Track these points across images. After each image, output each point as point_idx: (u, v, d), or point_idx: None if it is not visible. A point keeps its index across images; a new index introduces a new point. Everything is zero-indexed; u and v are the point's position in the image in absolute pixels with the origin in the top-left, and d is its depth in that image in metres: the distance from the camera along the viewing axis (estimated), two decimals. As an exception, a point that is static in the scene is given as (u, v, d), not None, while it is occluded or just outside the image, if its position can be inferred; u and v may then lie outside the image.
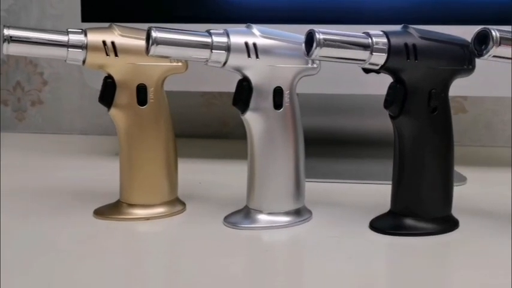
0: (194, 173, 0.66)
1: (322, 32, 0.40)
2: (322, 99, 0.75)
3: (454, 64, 0.44)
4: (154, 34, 0.41)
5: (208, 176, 0.64)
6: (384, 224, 0.46)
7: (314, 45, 0.40)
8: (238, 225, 0.46)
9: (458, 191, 0.59)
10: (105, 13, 0.64)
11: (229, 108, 0.91)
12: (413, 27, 0.43)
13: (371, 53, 0.41)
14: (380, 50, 0.41)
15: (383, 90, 0.46)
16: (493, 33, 0.38)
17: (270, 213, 0.47)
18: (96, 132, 0.91)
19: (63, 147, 0.82)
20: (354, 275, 0.39)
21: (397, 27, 0.44)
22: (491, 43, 0.38)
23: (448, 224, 0.46)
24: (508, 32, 0.39)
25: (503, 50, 0.38)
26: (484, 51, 0.38)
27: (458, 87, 0.71)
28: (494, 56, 0.38)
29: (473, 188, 0.61)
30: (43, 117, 0.93)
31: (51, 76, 0.92)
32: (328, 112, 0.74)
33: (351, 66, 0.44)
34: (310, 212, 0.49)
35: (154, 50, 0.41)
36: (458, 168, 0.68)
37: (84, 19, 0.63)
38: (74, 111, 0.92)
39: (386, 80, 0.46)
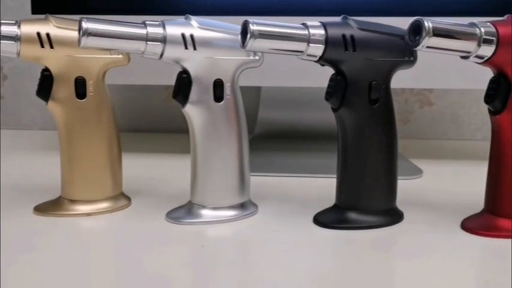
0: (151, 167, 0.66)
1: (256, 23, 0.39)
2: (270, 92, 0.76)
3: (395, 56, 0.43)
4: (85, 25, 0.40)
5: (165, 171, 0.64)
6: (328, 218, 0.45)
7: (248, 36, 0.39)
8: (181, 221, 0.46)
9: (412, 184, 0.61)
10: (56, 4, 0.63)
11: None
12: (353, 19, 0.43)
13: (308, 45, 0.41)
14: (317, 42, 0.41)
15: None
16: (426, 23, 0.37)
17: (214, 208, 0.46)
18: (56, 127, 0.90)
19: (22, 142, 0.81)
20: (293, 269, 0.38)
21: (337, 19, 0.43)
22: (423, 34, 0.37)
23: (393, 216, 0.46)
24: (444, 22, 0.39)
25: (437, 41, 0.38)
26: (417, 42, 0.38)
27: (424, 80, 0.72)
28: (428, 47, 0.38)
29: (428, 181, 0.61)
30: (3, 112, 0.91)
31: (11, 70, 0.90)
32: (279, 106, 0.74)
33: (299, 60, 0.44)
34: (255, 206, 0.49)
35: (85, 41, 0.40)
36: (419, 162, 0.69)
37: (35, 11, 0.63)
38: (34, 107, 0.91)
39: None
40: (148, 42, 0.41)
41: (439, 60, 0.46)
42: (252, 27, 0.39)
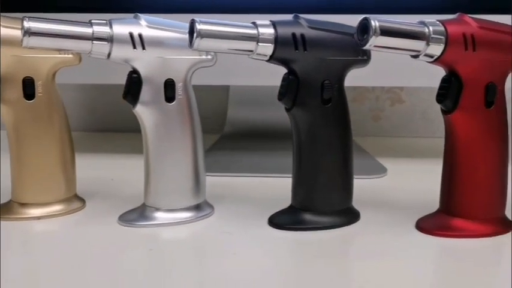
0: (114, 168, 0.65)
1: (203, 21, 0.39)
2: (239, 91, 0.74)
3: (347, 55, 0.43)
4: (27, 24, 0.39)
5: (128, 172, 0.62)
6: (282, 219, 0.45)
7: (194, 35, 0.39)
8: (134, 223, 0.45)
9: (375, 183, 0.60)
10: (23, 3, 0.61)
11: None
12: (304, 18, 0.42)
13: (257, 44, 0.40)
14: (266, 41, 0.40)
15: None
16: (373, 22, 0.37)
17: (168, 210, 0.45)
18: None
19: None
20: (246, 271, 0.38)
21: (289, 17, 0.43)
22: (370, 33, 0.37)
23: (348, 217, 0.46)
24: (392, 21, 0.38)
25: (385, 40, 0.37)
26: (365, 41, 0.37)
27: (395, 78, 0.71)
28: (375, 46, 0.37)
29: (391, 180, 0.60)
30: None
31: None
32: (248, 104, 0.74)
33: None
34: (211, 207, 0.48)
35: (28, 41, 0.39)
36: (387, 160, 0.68)
37: (3, 9, 0.61)
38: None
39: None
40: (94, 42, 0.40)
41: (409, 58, 0.46)
42: (199, 26, 0.38)
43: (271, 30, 0.40)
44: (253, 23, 0.40)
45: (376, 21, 0.37)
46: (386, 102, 0.88)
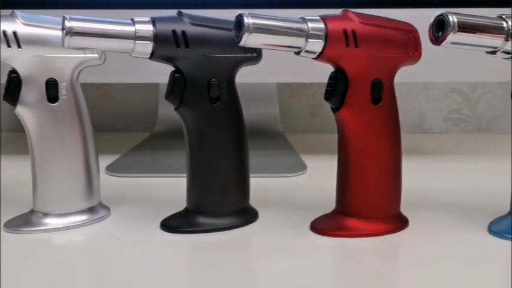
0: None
1: (74, 18, 0.37)
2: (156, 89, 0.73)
3: (235, 52, 0.41)
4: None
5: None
6: (175, 222, 0.44)
7: (63, 33, 0.37)
8: (21, 229, 0.43)
9: (289, 181, 0.58)
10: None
11: (93, 100, 0.89)
12: (188, 14, 0.41)
13: (135, 42, 0.38)
14: (145, 38, 0.39)
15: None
16: (246, 19, 0.35)
17: (59, 215, 0.44)
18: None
19: None
20: (135, 277, 0.36)
21: (172, 13, 0.41)
22: (244, 30, 0.35)
23: (245, 217, 0.45)
24: (268, 17, 0.37)
25: (261, 38, 0.35)
26: (239, 38, 0.36)
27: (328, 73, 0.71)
28: (252, 43, 0.36)
29: (308, 178, 0.59)
30: None
31: None
32: (168, 102, 0.72)
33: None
34: (107, 210, 0.47)
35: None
36: (314, 158, 0.67)
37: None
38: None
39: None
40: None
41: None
42: (69, 24, 0.37)
43: (149, 27, 0.39)
44: (132, 19, 0.39)
45: (249, 17, 0.36)
46: (323, 98, 0.88)
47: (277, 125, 0.78)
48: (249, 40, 0.36)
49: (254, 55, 0.42)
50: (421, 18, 0.41)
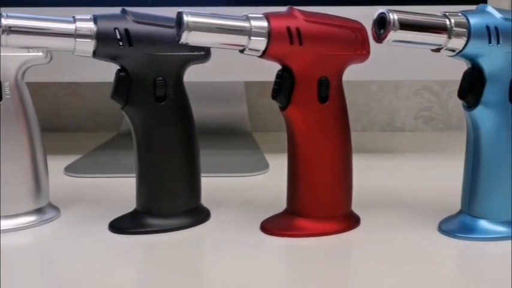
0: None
1: (11, 16, 0.36)
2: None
3: (181, 50, 0.41)
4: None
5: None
6: (124, 224, 0.43)
7: (0, 31, 0.36)
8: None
9: (248, 180, 0.57)
10: None
11: (61, 99, 0.88)
12: (131, 11, 0.40)
13: (75, 40, 0.38)
14: (86, 37, 0.38)
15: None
16: (185, 17, 0.34)
17: (6, 216, 0.42)
18: None
19: None
20: (82, 280, 0.36)
21: (116, 11, 0.41)
22: (183, 28, 0.35)
23: (196, 217, 0.44)
24: (209, 15, 0.36)
25: (200, 37, 0.35)
26: (180, 36, 0.35)
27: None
28: (189, 41, 0.36)
29: (268, 177, 0.58)
30: None
31: None
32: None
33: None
34: (57, 211, 0.46)
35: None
36: (278, 157, 0.66)
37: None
38: None
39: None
40: None
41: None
42: (5, 21, 0.36)
43: (90, 25, 0.38)
44: (73, 17, 0.39)
45: (189, 16, 0.35)
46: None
47: (245, 124, 0.78)
48: (188, 38, 0.35)
49: (202, 53, 0.42)
50: (371, 16, 0.41)
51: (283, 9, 0.40)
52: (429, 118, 0.88)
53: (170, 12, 0.42)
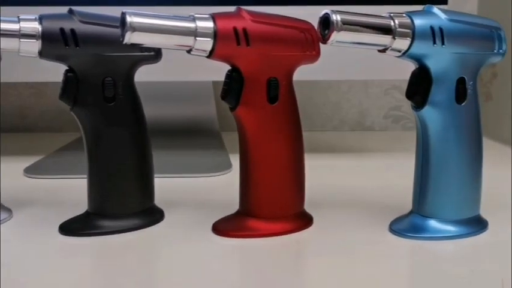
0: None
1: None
2: None
3: (130, 50, 0.40)
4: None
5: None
6: (74, 226, 0.42)
7: None
8: None
9: (209, 181, 0.57)
10: None
11: (26, 99, 0.87)
12: (78, 11, 0.40)
13: (19, 40, 0.37)
14: (31, 37, 0.38)
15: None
16: (128, 18, 0.34)
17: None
18: None
19: None
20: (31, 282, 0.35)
21: (63, 10, 0.40)
22: (126, 28, 0.34)
23: (149, 218, 0.44)
24: (151, 15, 0.36)
25: (141, 37, 0.35)
26: (123, 37, 0.35)
27: None
28: (133, 43, 0.35)
29: (230, 177, 0.58)
30: None
31: None
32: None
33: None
34: (9, 212, 0.45)
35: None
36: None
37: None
38: None
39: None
40: None
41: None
42: None
43: (35, 25, 0.38)
44: (18, 17, 0.38)
45: (132, 16, 0.35)
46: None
47: (214, 124, 0.78)
48: (132, 39, 0.35)
49: (152, 54, 0.41)
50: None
51: (232, 9, 0.40)
52: (399, 117, 0.89)
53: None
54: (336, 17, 0.35)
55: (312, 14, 0.41)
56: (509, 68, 0.74)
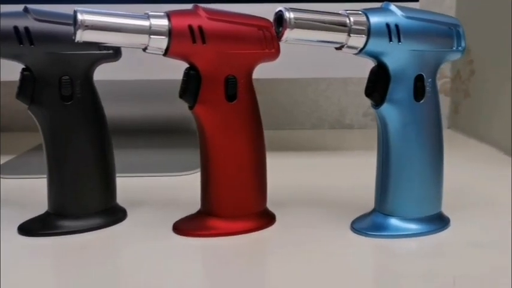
0: None
1: None
2: None
3: (87, 48, 0.40)
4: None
5: None
6: (34, 226, 0.42)
7: None
8: None
9: (177, 179, 0.56)
10: None
11: (2, 98, 0.86)
12: (34, 9, 0.39)
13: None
14: (-17, 35, 0.38)
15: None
16: (80, 16, 0.34)
17: None
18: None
19: None
20: None
21: (19, 9, 0.40)
22: (77, 26, 0.34)
23: (110, 218, 0.43)
24: (105, 13, 0.35)
25: (94, 35, 0.34)
26: (76, 35, 0.34)
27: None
28: (84, 41, 0.35)
29: (196, 177, 0.58)
30: None
31: None
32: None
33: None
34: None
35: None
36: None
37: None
38: None
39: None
40: None
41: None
42: None
43: (-12, 24, 0.38)
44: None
45: (84, 14, 0.34)
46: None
47: (190, 122, 0.77)
48: (83, 36, 0.35)
49: (110, 52, 0.41)
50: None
51: (189, 6, 0.40)
52: (378, 115, 0.88)
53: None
54: (289, 15, 0.35)
55: (271, 12, 0.40)
56: (487, 66, 0.74)
